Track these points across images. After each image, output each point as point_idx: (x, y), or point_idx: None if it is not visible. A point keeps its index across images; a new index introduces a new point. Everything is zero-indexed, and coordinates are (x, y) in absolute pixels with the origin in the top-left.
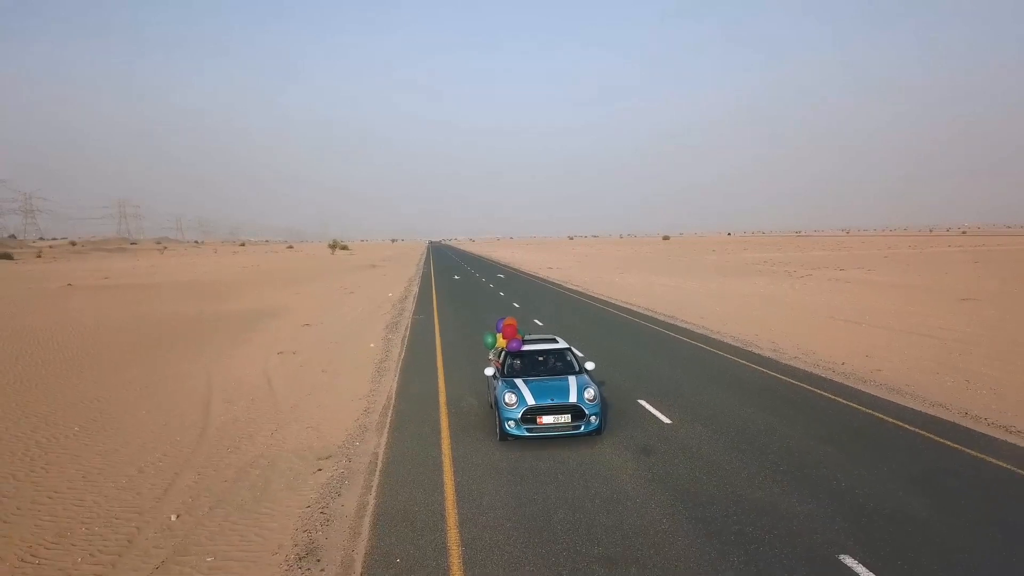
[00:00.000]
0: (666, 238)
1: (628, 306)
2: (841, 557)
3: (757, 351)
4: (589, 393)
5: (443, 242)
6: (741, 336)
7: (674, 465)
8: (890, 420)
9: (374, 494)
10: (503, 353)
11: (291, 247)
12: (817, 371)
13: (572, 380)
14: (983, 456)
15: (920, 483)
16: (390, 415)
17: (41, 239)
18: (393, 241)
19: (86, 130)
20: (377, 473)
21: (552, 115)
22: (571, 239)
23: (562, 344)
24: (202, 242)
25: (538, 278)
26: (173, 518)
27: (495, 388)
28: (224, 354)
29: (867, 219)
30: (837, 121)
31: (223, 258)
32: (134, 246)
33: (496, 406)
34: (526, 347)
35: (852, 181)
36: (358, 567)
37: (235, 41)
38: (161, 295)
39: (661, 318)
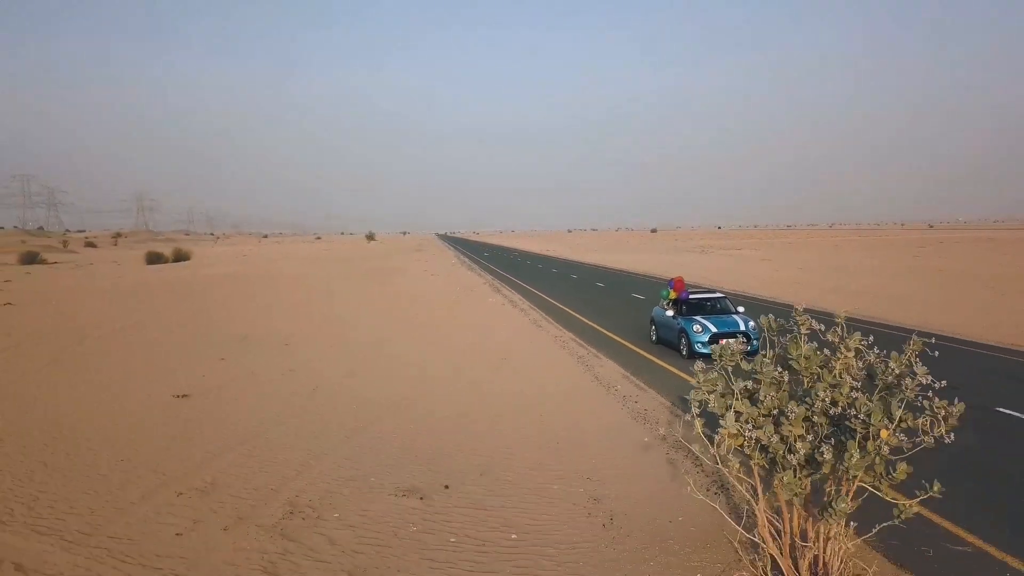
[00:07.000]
0: (654, 231)
1: (587, 263)
2: None
3: (632, 272)
4: (751, 324)
5: (448, 234)
6: (628, 269)
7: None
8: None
9: (515, 289)
10: (674, 302)
11: (319, 238)
12: (648, 274)
13: (737, 317)
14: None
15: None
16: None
17: (67, 231)
18: (404, 233)
19: (88, 127)
20: (517, 282)
21: (548, 110)
22: (569, 232)
23: (720, 294)
24: (217, 235)
25: (538, 255)
26: (458, 290)
27: (678, 324)
28: (405, 280)
29: (875, 216)
30: (841, 120)
31: (277, 247)
32: (163, 239)
33: (685, 333)
34: (694, 296)
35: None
36: (531, 301)
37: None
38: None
39: (599, 264)
